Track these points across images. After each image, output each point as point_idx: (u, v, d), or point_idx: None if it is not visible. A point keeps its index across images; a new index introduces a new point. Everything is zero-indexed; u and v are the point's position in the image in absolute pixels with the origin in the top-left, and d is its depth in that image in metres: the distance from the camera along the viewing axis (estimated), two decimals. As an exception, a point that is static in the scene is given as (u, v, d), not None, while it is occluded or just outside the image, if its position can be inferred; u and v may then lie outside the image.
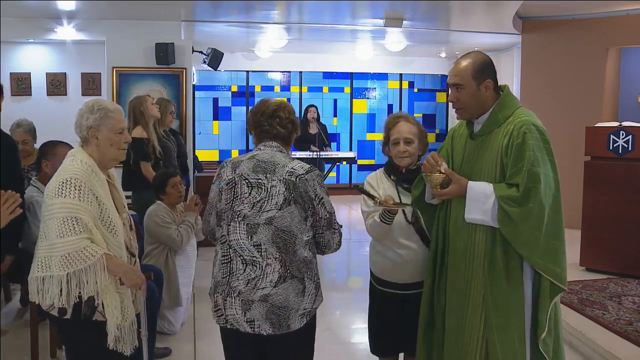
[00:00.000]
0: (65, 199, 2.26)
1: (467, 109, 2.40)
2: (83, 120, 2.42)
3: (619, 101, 8.01)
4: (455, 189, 2.35)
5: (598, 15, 7.22)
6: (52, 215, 2.27)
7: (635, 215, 5.05)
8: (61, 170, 2.37)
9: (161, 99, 5.31)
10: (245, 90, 10.69)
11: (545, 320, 2.28)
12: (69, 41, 7.71)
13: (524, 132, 2.25)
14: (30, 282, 2.38)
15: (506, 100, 2.40)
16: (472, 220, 2.33)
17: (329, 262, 6.38)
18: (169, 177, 4.17)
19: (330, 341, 3.96)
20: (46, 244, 2.31)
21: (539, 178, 2.21)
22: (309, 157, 8.05)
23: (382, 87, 11.26)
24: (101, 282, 2.27)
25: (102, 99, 2.54)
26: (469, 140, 2.46)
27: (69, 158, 2.42)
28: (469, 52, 2.43)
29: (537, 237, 2.23)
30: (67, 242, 2.23)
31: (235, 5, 6.67)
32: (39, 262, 2.33)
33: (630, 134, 5.02)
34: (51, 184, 2.33)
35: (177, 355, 3.89)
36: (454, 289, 2.46)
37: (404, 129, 2.77)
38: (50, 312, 2.35)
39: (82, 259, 2.24)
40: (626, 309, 4.32)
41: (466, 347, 2.37)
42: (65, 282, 2.25)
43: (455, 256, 2.44)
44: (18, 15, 6.90)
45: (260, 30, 8.21)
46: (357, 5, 6.79)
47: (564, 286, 2.28)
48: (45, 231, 2.31)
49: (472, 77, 2.34)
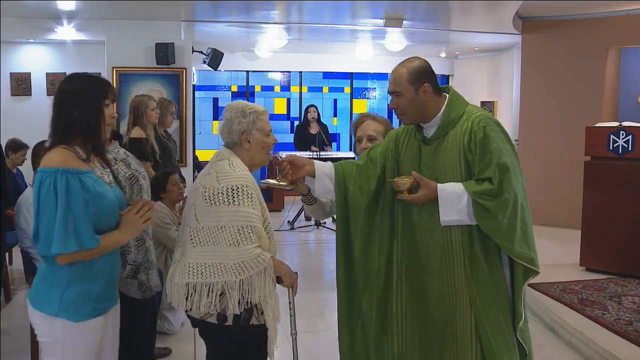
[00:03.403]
0: (239, 207, 2.22)
1: (408, 114, 2.40)
2: (235, 125, 2.37)
3: (619, 101, 8.01)
4: (425, 194, 2.32)
5: (598, 15, 7.22)
6: (222, 222, 2.22)
7: (635, 215, 5.05)
8: (222, 175, 2.29)
9: (162, 99, 5.31)
10: (245, 90, 10.69)
11: (522, 308, 2.32)
12: (69, 41, 7.71)
13: (484, 127, 2.27)
14: (174, 288, 2.31)
15: (454, 100, 2.41)
16: (448, 222, 2.30)
17: (329, 262, 6.37)
18: (169, 175, 4.20)
19: (330, 341, 3.97)
20: (206, 251, 2.25)
21: (507, 168, 2.23)
22: (309, 157, 8.05)
23: (382, 87, 11.25)
24: (269, 285, 2.29)
25: (245, 102, 2.50)
26: (423, 145, 2.45)
27: (225, 161, 2.34)
28: (406, 59, 2.44)
29: (513, 225, 2.25)
30: (243, 250, 2.22)
31: (235, 5, 6.67)
32: (191, 269, 2.25)
33: (630, 134, 5.02)
34: (214, 189, 2.25)
35: (177, 355, 3.89)
36: (436, 294, 2.38)
37: (369, 127, 2.83)
38: (206, 319, 2.29)
39: (255, 265, 2.24)
40: (626, 309, 4.32)
41: (459, 348, 2.33)
42: (237, 289, 2.23)
43: (429, 259, 2.38)
44: (18, 15, 6.90)
45: (260, 30, 8.21)
46: (357, 5, 6.79)
47: (537, 269, 2.30)
48: (204, 238, 2.25)
49: (408, 83, 2.35)
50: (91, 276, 2.09)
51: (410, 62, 2.40)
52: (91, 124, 2.12)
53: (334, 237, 2.86)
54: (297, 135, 8.46)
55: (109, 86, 2.20)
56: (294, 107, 10.89)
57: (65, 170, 2.01)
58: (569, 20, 7.43)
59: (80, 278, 2.07)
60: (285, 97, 10.86)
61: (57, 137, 2.11)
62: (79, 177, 2.03)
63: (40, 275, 2.12)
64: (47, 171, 2.02)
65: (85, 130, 2.11)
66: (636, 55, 8.13)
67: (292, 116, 10.88)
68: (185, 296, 2.26)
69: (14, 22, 6.96)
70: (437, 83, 2.41)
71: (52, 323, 2.05)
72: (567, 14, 7.37)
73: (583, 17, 7.32)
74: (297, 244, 7.22)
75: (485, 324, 2.28)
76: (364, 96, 11.23)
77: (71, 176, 2.01)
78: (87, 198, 2.03)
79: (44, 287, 2.08)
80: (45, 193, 1.99)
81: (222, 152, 2.40)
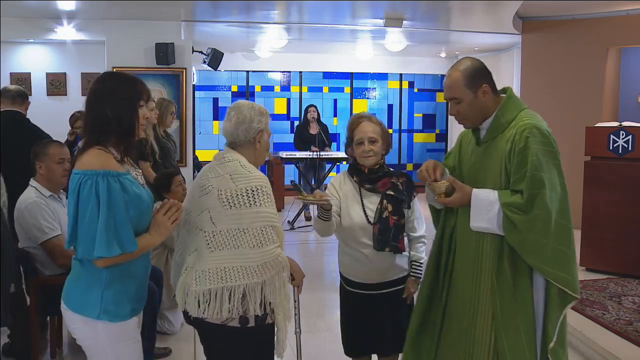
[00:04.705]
0: (260, 208, 2.18)
1: (470, 119, 2.34)
2: (254, 123, 2.32)
3: (619, 101, 8.01)
4: (459, 198, 2.29)
5: (598, 15, 7.22)
6: (243, 225, 2.18)
7: (635, 215, 5.05)
8: (238, 176, 2.23)
9: (162, 99, 5.30)
10: (245, 90, 10.69)
11: (553, 331, 2.21)
12: (69, 41, 7.72)
13: (527, 137, 2.18)
14: (190, 297, 2.23)
15: (509, 103, 2.33)
16: (477, 228, 2.28)
17: (329, 262, 6.38)
18: (173, 176, 4.19)
19: (330, 341, 3.97)
20: (225, 255, 2.19)
21: (543, 183, 2.14)
22: (309, 157, 8.05)
23: (382, 87, 11.26)
24: (286, 284, 2.29)
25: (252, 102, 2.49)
26: (476, 146, 2.41)
27: (234, 162, 2.27)
28: (458, 61, 2.37)
29: (544, 244, 2.16)
30: (265, 252, 2.18)
31: (235, 5, 6.67)
32: (211, 274, 2.19)
33: (630, 134, 5.02)
34: (231, 191, 2.19)
35: (177, 355, 3.89)
36: (459, 298, 2.40)
37: (368, 129, 2.76)
38: (227, 324, 2.22)
39: (275, 265, 2.21)
40: (626, 309, 4.32)
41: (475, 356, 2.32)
42: (260, 290, 2.20)
43: (463, 264, 2.39)
44: (18, 15, 6.90)
45: (260, 30, 8.21)
46: (357, 5, 6.79)
47: (575, 294, 2.19)
48: (223, 241, 2.20)
49: (466, 87, 2.28)
50: (128, 277, 2.09)
51: (463, 64, 2.31)
52: (126, 125, 2.09)
53: (333, 237, 2.87)
54: (297, 135, 8.45)
55: (143, 86, 2.17)
56: (294, 107, 10.89)
57: (106, 173, 1.99)
58: (569, 20, 7.43)
59: (119, 279, 2.06)
60: (285, 97, 10.85)
61: (91, 138, 2.07)
62: (118, 179, 2.02)
63: (76, 278, 2.10)
64: (86, 173, 1.99)
65: (120, 131, 2.08)
66: (636, 55, 8.12)
67: (292, 116, 10.88)
68: (206, 303, 2.19)
69: (14, 22, 6.95)
70: (494, 82, 2.34)
71: (94, 326, 2.05)
72: (567, 14, 7.37)
73: (583, 17, 7.32)
74: (297, 244, 7.23)
75: (504, 339, 2.24)
76: (364, 96, 11.22)
77: (112, 178, 2.00)
78: (127, 200, 2.02)
79: (82, 290, 2.07)
80: (86, 196, 1.97)
81: (227, 154, 2.32)
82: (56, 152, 3.56)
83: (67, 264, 3.40)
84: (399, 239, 2.74)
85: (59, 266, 3.42)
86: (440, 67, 10.97)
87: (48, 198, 3.50)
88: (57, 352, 3.82)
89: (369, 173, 2.78)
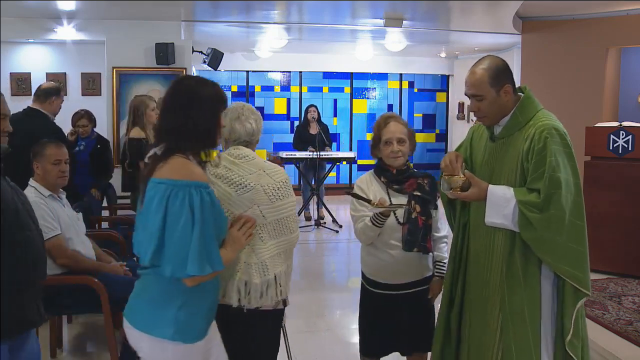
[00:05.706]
0: (290, 199, 2.37)
1: (489, 116, 2.37)
2: (260, 124, 2.47)
3: (619, 101, 8.01)
4: (476, 193, 2.31)
5: (598, 15, 7.22)
6: (286, 213, 2.34)
7: (635, 215, 5.05)
8: (271, 170, 2.34)
9: (162, 99, 5.31)
10: (245, 90, 10.69)
11: (570, 324, 2.28)
12: (69, 41, 7.71)
13: (545, 137, 2.22)
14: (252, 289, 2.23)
15: (527, 102, 2.36)
16: (492, 224, 2.31)
17: (329, 262, 6.39)
18: None
19: (330, 341, 3.96)
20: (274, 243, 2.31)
21: (560, 184, 2.19)
22: (309, 157, 8.05)
23: (382, 87, 11.26)
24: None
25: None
26: (489, 142, 2.44)
27: (259, 159, 2.36)
28: (482, 58, 2.39)
29: (558, 242, 2.22)
30: (295, 236, 2.41)
31: (235, 5, 6.67)
32: (267, 264, 2.26)
33: (630, 134, 5.02)
34: (273, 185, 2.30)
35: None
36: (472, 288, 2.45)
37: (397, 129, 2.77)
38: (277, 307, 2.33)
39: (293, 246, 2.42)
40: (626, 309, 4.32)
41: (485, 346, 2.37)
42: (286, 273, 2.35)
43: (476, 255, 2.44)
44: (18, 15, 6.90)
45: (260, 30, 8.21)
46: (357, 5, 6.79)
47: (587, 291, 2.28)
48: (272, 232, 2.30)
49: (490, 86, 2.30)
50: (202, 296, 1.98)
51: (487, 62, 2.34)
52: (210, 131, 1.99)
53: (334, 237, 2.87)
54: (297, 135, 8.45)
55: (223, 91, 2.08)
56: (294, 107, 10.89)
57: (198, 184, 1.87)
58: (569, 20, 7.43)
59: (194, 299, 1.94)
60: (285, 97, 10.86)
61: (170, 145, 1.94)
62: (208, 191, 1.90)
63: (145, 296, 1.97)
64: (176, 184, 1.85)
65: (201, 138, 1.97)
66: (636, 55, 8.12)
67: (292, 116, 10.89)
68: (266, 291, 2.27)
69: (14, 22, 6.95)
70: (514, 82, 2.37)
71: (164, 346, 1.92)
72: (567, 14, 7.37)
73: (583, 17, 7.32)
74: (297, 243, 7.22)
75: (510, 329, 2.29)
76: (364, 96, 11.23)
77: (204, 191, 1.88)
78: (215, 214, 1.92)
79: (152, 308, 1.94)
80: (177, 209, 1.83)
81: (242, 151, 2.38)
82: (53, 153, 3.55)
83: (67, 264, 3.44)
84: (427, 239, 2.75)
85: (59, 266, 3.42)
86: (440, 67, 10.97)
87: (47, 198, 3.50)
88: (57, 352, 3.82)
89: (397, 174, 2.79)
